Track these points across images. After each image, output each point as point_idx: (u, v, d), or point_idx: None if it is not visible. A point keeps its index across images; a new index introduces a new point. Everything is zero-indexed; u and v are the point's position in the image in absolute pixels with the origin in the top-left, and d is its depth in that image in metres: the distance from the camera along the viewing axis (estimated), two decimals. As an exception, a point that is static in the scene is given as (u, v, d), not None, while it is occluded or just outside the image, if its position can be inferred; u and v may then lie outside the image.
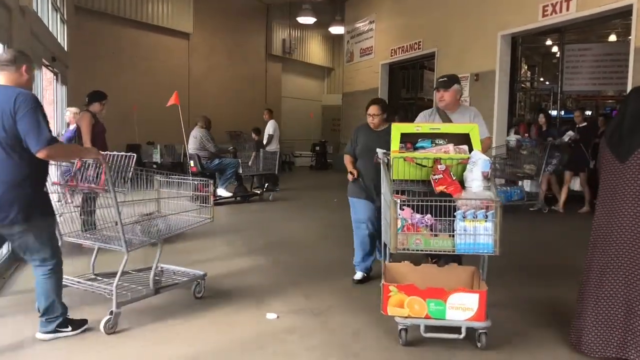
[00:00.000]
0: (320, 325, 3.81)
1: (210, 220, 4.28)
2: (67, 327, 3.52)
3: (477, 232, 3.22)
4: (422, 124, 4.08)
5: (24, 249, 3.38)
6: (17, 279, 4.83)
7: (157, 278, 4.09)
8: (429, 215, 3.36)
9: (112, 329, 3.56)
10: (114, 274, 3.82)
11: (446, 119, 4.46)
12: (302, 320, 3.90)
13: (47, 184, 3.45)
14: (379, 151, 3.76)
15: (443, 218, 3.33)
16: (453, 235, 3.29)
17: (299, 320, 3.90)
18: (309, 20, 18.25)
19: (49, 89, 9.69)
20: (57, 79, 9.69)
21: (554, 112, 12.32)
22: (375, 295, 4.53)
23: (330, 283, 4.84)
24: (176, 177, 4.27)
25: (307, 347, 3.42)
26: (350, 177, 4.79)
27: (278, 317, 3.93)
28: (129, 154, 3.58)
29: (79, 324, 3.59)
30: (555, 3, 9.67)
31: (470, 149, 3.60)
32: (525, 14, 10.35)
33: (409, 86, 17.34)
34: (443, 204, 3.31)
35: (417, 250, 3.32)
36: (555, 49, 12.55)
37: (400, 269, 3.75)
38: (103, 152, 3.59)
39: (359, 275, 4.88)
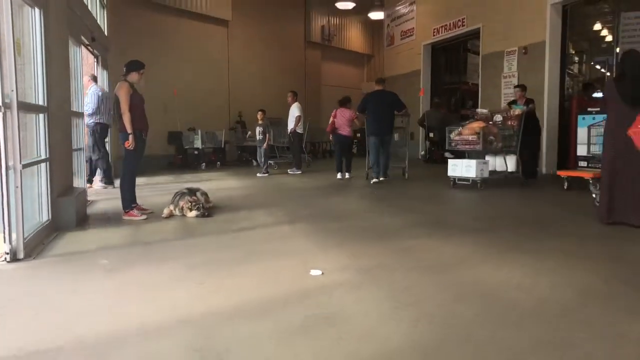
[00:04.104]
0: (368, 281, 3.51)
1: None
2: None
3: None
4: None
5: (387, 146, 9.04)
6: (55, 245, 4.73)
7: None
8: None
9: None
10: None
11: None
12: (349, 276, 3.60)
13: None
14: None
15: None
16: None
17: (346, 276, 3.61)
18: (348, 5, 17.96)
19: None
20: (97, 62, 9.69)
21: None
22: (429, 253, 4.26)
23: (378, 244, 4.55)
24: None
25: (355, 299, 3.13)
26: None
27: (323, 273, 3.66)
28: None
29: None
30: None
31: None
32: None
33: (452, 70, 16.78)
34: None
35: None
36: (609, 17, 11.87)
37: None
38: None
39: None
